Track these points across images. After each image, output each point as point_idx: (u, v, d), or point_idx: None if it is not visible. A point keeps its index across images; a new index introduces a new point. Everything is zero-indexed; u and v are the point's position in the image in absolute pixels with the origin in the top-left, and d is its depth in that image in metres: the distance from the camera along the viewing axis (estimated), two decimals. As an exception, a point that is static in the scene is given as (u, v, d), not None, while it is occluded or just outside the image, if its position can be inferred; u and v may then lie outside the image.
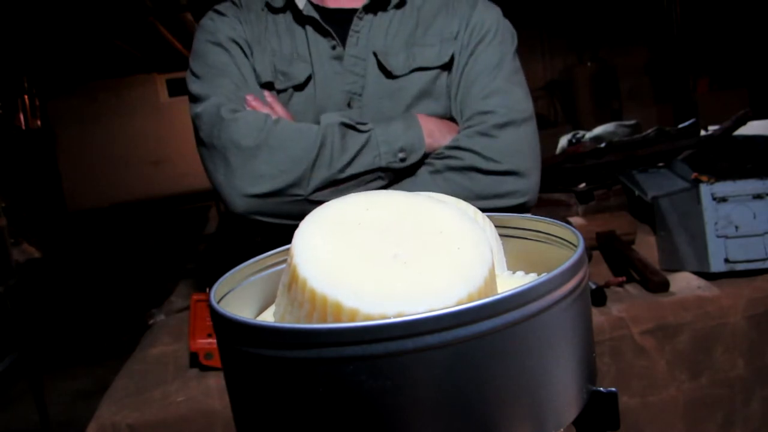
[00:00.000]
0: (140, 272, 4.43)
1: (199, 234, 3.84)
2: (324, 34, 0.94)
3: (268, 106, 0.91)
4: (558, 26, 5.07)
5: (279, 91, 0.94)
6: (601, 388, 0.31)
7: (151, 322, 1.37)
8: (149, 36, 4.12)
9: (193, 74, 0.95)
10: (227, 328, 0.29)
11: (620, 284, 1.27)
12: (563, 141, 2.09)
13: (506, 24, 0.99)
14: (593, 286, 1.20)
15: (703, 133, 1.74)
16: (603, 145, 1.66)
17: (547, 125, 5.07)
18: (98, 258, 4.81)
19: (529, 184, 0.90)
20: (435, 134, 0.91)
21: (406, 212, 0.33)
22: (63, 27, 4.01)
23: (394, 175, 0.90)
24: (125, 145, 6.07)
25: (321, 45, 0.94)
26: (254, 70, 0.94)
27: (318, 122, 0.89)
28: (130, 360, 1.18)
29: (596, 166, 1.62)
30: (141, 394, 1.01)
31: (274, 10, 0.97)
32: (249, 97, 0.90)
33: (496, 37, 0.96)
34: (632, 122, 2.10)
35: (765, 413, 1.18)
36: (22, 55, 4.50)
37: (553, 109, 5.35)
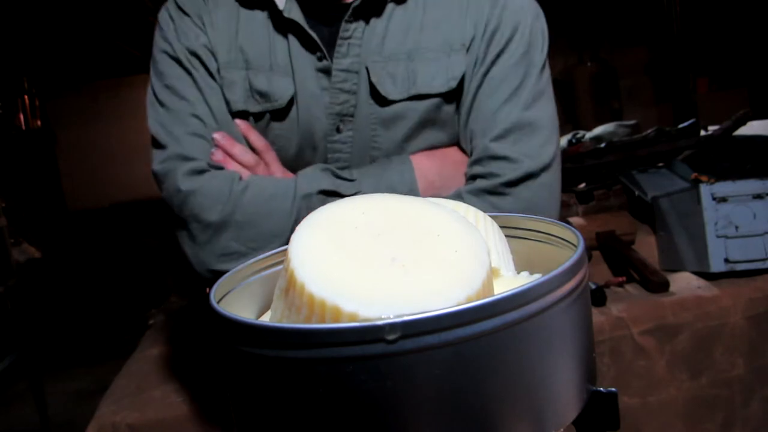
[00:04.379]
0: (140, 272, 4.43)
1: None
2: (308, 45, 0.76)
3: (239, 145, 0.77)
4: (558, 26, 5.07)
5: (256, 115, 0.77)
6: (601, 388, 0.31)
7: (151, 322, 1.37)
8: (149, 36, 4.12)
9: (154, 95, 0.79)
10: (227, 328, 0.29)
11: (620, 284, 1.27)
12: (563, 141, 2.09)
13: (537, 22, 0.78)
14: (593, 286, 1.20)
15: (703, 133, 1.74)
16: (603, 145, 1.66)
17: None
18: (98, 258, 4.81)
19: None
20: (435, 183, 0.76)
21: (402, 216, 0.33)
22: (63, 27, 4.01)
23: None
24: (125, 145, 6.07)
25: (305, 53, 0.77)
26: (223, 94, 0.77)
27: (300, 156, 0.78)
28: (130, 360, 1.18)
29: (596, 166, 1.62)
30: (141, 394, 1.01)
31: (247, 4, 0.79)
32: (217, 137, 0.76)
33: (520, 46, 0.76)
34: (632, 122, 2.10)
35: (765, 413, 1.18)
36: (22, 55, 4.50)
37: (553, 109, 5.33)
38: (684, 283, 1.24)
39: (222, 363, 0.31)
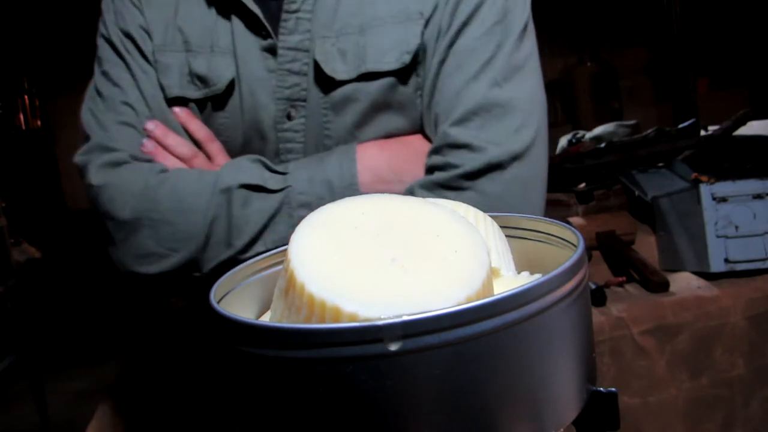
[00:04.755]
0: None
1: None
2: (252, 23, 0.68)
3: (174, 135, 0.69)
4: (558, 26, 5.07)
5: (197, 103, 0.70)
6: (601, 388, 0.31)
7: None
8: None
9: (94, 85, 0.73)
10: (227, 328, 0.29)
11: (620, 284, 1.27)
12: (563, 141, 2.09)
13: None
14: (593, 286, 1.20)
15: (703, 133, 1.74)
16: (603, 145, 1.66)
17: (547, 125, 5.06)
18: (98, 258, 4.81)
19: None
20: (385, 177, 0.65)
21: (402, 216, 0.33)
22: (63, 27, 4.01)
23: None
24: (125, 145, 6.06)
25: (249, 33, 0.69)
26: (158, 80, 0.70)
27: (248, 147, 0.70)
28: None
29: (596, 166, 1.62)
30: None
31: None
32: (149, 126, 0.69)
33: (492, 12, 0.64)
34: (632, 122, 2.10)
35: (765, 413, 1.18)
36: (22, 55, 4.50)
37: (553, 109, 5.35)
38: (684, 283, 1.24)
39: (222, 363, 0.31)
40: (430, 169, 0.64)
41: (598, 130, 2.07)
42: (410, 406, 0.25)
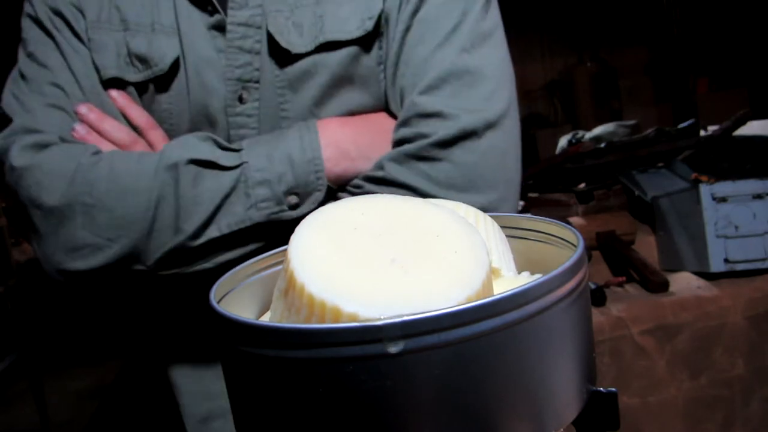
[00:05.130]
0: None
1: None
2: None
3: (109, 120, 0.62)
4: (558, 26, 5.07)
5: (137, 86, 0.64)
6: (601, 388, 0.31)
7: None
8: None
9: (18, 67, 0.66)
10: (227, 328, 0.29)
11: (620, 284, 1.27)
12: (563, 141, 2.09)
13: None
14: (593, 286, 1.20)
15: (702, 133, 1.75)
16: (603, 145, 1.66)
17: (547, 125, 5.07)
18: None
19: None
20: (350, 154, 0.60)
21: (401, 216, 0.33)
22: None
23: (284, 228, 0.59)
24: (125, 145, 6.06)
25: (195, 9, 0.63)
26: (92, 60, 0.63)
27: (193, 130, 0.63)
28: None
29: (596, 166, 1.63)
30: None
31: None
32: (81, 109, 0.62)
33: None
34: (632, 122, 2.10)
35: (765, 413, 1.18)
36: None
37: (553, 109, 5.35)
38: (684, 283, 1.24)
39: (222, 363, 0.31)
40: (399, 143, 0.60)
41: (598, 130, 2.07)
42: (410, 406, 0.25)
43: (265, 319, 0.38)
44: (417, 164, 0.58)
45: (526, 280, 0.36)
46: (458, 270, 0.29)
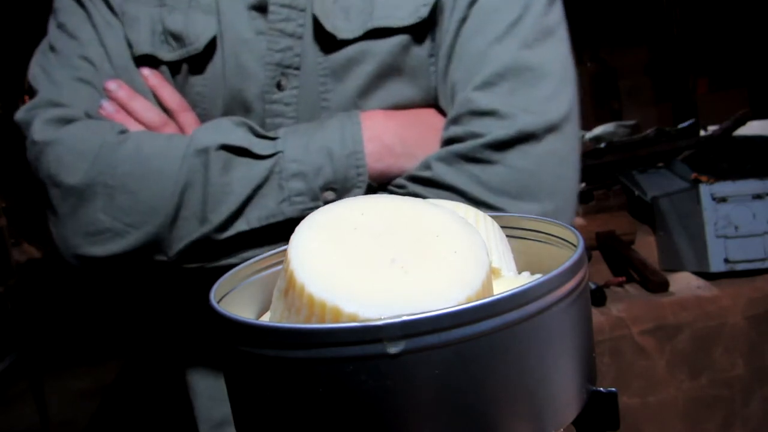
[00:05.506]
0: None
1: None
2: None
3: (140, 99, 0.59)
4: (558, 26, 5.06)
5: (171, 66, 0.60)
6: (601, 388, 0.31)
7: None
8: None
9: (47, 39, 0.62)
10: (227, 328, 0.29)
11: (620, 284, 1.27)
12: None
13: None
14: (593, 286, 1.20)
15: (702, 133, 1.75)
16: (603, 145, 1.66)
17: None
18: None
19: None
20: (395, 150, 0.56)
21: (401, 216, 0.33)
22: (63, 27, 4.00)
23: None
24: (125, 145, 6.05)
25: None
26: (125, 35, 0.60)
27: (227, 116, 0.59)
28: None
29: (596, 166, 1.63)
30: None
31: None
32: (111, 86, 0.59)
33: None
34: (632, 122, 2.10)
35: (765, 413, 1.18)
36: (22, 55, 4.50)
37: (553, 109, 5.33)
38: (684, 283, 1.24)
39: (222, 363, 0.31)
40: (449, 142, 0.55)
41: (598, 130, 2.07)
42: (410, 406, 0.25)
43: (265, 319, 0.38)
44: (467, 166, 0.53)
45: (526, 280, 0.36)
46: (458, 270, 0.29)
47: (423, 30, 0.58)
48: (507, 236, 0.40)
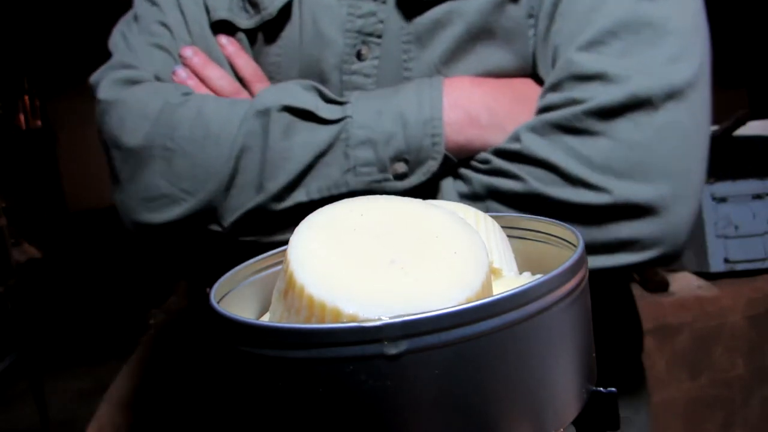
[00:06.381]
0: (140, 272, 4.44)
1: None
2: None
3: (215, 67, 0.56)
4: (558, 26, 5.06)
5: (248, 33, 0.58)
6: (601, 388, 0.31)
7: (151, 321, 1.37)
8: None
9: (134, 9, 0.62)
10: (227, 328, 0.29)
11: (620, 284, 1.27)
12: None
13: None
14: (593, 286, 1.20)
15: (702, 133, 1.74)
16: (603, 145, 1.66)
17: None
18: (98, 258, 4.82)
19: (664, 225, 0.45)
20: (480, 121, 0.49)
21: (401, 217, 0.33)
22: (63, 27, 4.01)
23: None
24: (125, 145, 6.04)
25: None
26: (204, 1, 0.58)
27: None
28: (130, 360, 1.18)
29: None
30: (141, 395, 1.01)
31: None
32: (187, 52, 0.57)
33: None
34: (632, 122, 2.10)
35: (764, 413, 1.18)
36: (22, 55, 4.50)
37: (553, 109, 5.33)
38: (684, 283, 1.24)
39: (222, 363, 0.31)
40: (544, 110, 0.48)
41: (598, 130, 2.06)
42: (410, 406, 0.25)
43: (265, 320, 0.38)
44: (564, 137, 0.45)
45: (527, 280, 0.36)
46: (458, 271, 0.29)
47: None
48: (507, 236, 0.40)
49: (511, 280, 0.36)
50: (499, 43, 0.52)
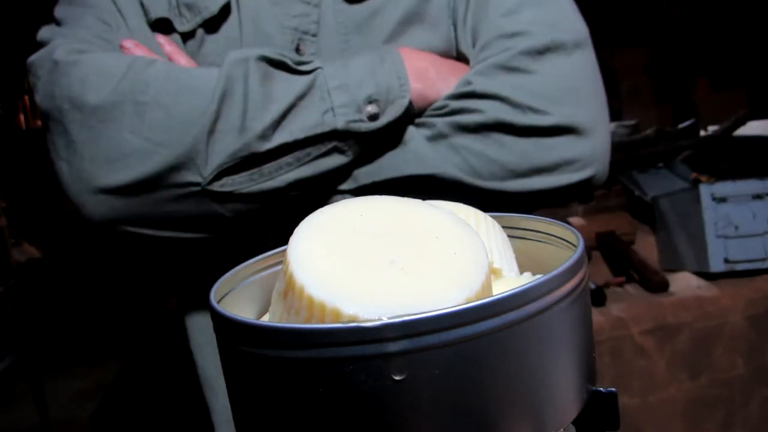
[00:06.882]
0: (140, 272, 4.44)
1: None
2: None
3: (156, 56, 0.56)
4: (558, 26, 5.06)
5: (183, 35, 0.59)
6: (601, 388, 0.31)
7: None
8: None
9: (54, 18, 0.60)
10: (227, 328, 0.29)
11: (620, 284, 1.27)
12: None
13: None
14: (593, 286, 1.20)
15: (702, 133, 1.75)
16: (603, 145, 1.66)
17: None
18: (99, 258, 4.82)
19: (593, 145, 0.55)
20: (429, 74, 0.56)
21: (400, 217, 0.33)
22: (63, 27, 4.00)
23: (361, 146, 0.54)
24: (125, 145, 6.04)
25: None
26: (141, 1, 0.58)
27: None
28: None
29: (596, 166, 1.62)
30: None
31: None
32: (127, 44, 0.56)
33: None
34: (632, 122, 2.10)
35: (764, 413, 1.18)
36: (22, 55, 4.50)
37: (553, 109, 5.33)
38: (684, 283, 1.24)
39: (222, 363, 0.31)
40: (483, 60, 0.56)
41: (598, 130, 2.06)
42: (410, 406, 0.25)
43: (265, 320, 0.38)
44: (506, 76, 0.54)
45: (527, 280, 0.36)
46: (457, 271, 0.29)
47: None
48: (507, 236, 0.40)
49: (511, 280, 0.36)
50: (429, 27, 0.60)
